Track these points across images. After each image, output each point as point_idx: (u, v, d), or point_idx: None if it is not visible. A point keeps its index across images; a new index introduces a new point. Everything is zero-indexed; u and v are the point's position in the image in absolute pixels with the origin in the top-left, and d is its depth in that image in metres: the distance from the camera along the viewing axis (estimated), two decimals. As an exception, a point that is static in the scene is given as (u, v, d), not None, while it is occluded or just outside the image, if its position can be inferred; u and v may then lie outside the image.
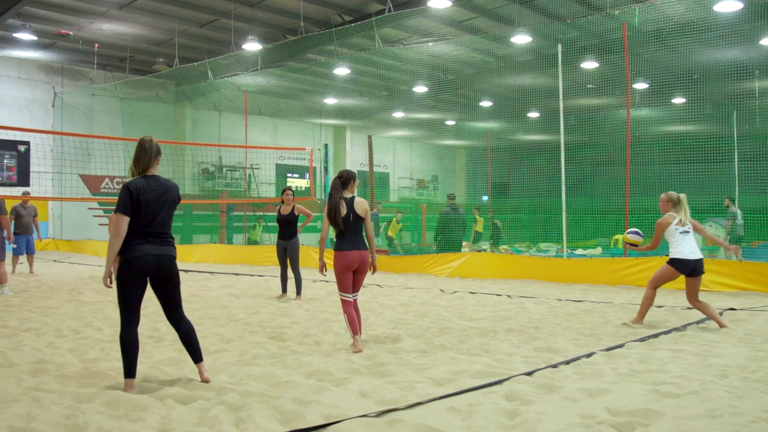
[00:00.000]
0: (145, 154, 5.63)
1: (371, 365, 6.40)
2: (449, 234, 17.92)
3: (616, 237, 11.40)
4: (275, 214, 12.37)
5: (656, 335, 7.89)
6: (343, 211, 7.31)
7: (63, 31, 23.25)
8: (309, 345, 7.45)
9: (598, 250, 21.20)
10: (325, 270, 7.56)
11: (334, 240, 7.47)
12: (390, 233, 22.34)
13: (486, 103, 26.28)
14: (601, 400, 5.08)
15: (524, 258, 15.85)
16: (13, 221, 16.17)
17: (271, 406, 4.95)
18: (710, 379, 5.69)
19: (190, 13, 21.96)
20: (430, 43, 19.63)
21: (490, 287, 13.52)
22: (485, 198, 24.17)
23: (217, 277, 16.50)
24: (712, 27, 15.97)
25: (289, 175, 31.80)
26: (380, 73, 24.41)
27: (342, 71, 23.94)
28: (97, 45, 24.55)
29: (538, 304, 10.97)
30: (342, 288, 7.36)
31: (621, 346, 7.22)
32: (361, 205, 7.39)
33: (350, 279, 7.37)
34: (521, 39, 19.71)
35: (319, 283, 14.45)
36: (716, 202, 18.37)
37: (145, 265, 5.47)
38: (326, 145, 20.54)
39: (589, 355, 6.72)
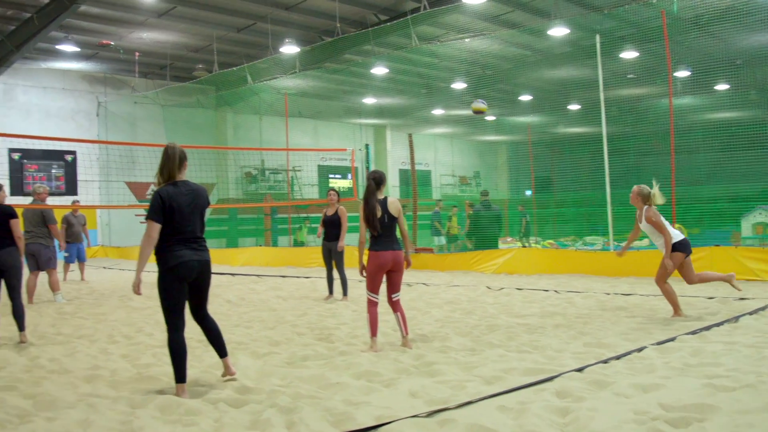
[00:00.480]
0: (170, 161, 5.72)
1: (420, 365, 6.40)
2: (482, 231, 17.87)
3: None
4: (321, 215, 12.42)
5: (708, 327, 7.76)
6: (378, 212, 7.30)
7: (104, 42, 23.62)
8: (357, 346, 7.47)
9: (646, 241, 20.90)
10: (364, 272, 7.51)
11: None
12: (453, 231, 22.25)
13: (525, 97, 26.12)
14: (655, 395, 5.02)
15: (570, 252, 15.72)
16: (64, 230, 16.55)
17: (322, 408, 4.98)
18: (767, 372, 5.58)
19: (227, 18, 22.17)
20: (467, 39, 19.55)
21: (537, 283, 13.43)
22: (528, 193, 24.03)
23: (264, 279, 16.63)
24: (753, 11, 15.66)
25: (331, 176, 31.92)
26: (418, 71, 24.40)
27: (380, 70, 23.97)
28: (137, 54, 24.91)
29: (586, 298, 10.88)
30: (370, 287, 7.34)
31: (673, 339, 7.13)
32: (394, 205, 7.39)
33: (381, 279, 7.34)
34: (558, 31, 19.55)
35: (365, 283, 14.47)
36: (765, 189, 18.02)
37: (188, 271, 5.60)
38: (367, 145, 20.63)
39: (640, 350, 6.64)
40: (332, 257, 11.96)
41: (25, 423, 4.82)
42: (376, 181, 7.43)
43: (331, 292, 12.13)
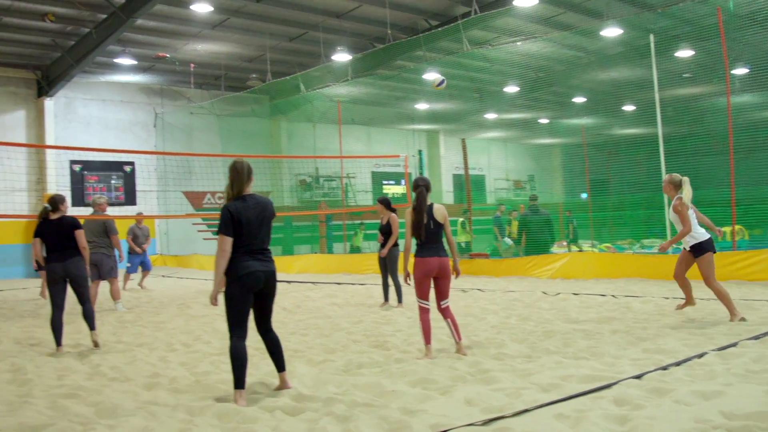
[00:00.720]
0: (239, 177, 5.89)
1: (476, 372, 6.37)
2: (533, 235, 17.72)
3: (723, 229, 11.00)
4: (377, 221, 12.48)
5: (771, 332, 7.59)
6: (424, 220, 7.31)
7: (160, 54, 24.06)
8: (413, 353, 7.47)
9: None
10: (409, 279, 7.51)
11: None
12: (513, 236, 22.10)
13: (579, 99, 25.85)
14: (716, 402, 4.91)
15: (628, 256, 15.51)
16: (130, 240, 17.10)
17: (378, 416, 4.99)
18: (833, 378, 5.44)
19: (279, 28, 22.40)
20: (518, 43, 19.44)
21: (593, 287, 13.27)
22: (584, 195, 23.74)
23: (320, 286, 16.73)
24: (813, 4, 15.26)
25: (384, 182, 31.98)
26: (470, 75, 24.30)
27: (431, 76, 23.95)
28: (192, 65, 25.30)
29: (644, 303, 10.71)
30: (420, 295, 7.32)
31: (734, 345, 6.97)
32: (440, 211, 7.38)
33: (428, 286, 7.32)
34: (611, 32, 19.30)
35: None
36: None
37: (255, 281, 5.75)
38: (420, 151, 20.62)
39: (700, 356, 6.52)
40: (387, 264, 12.00)
41: (87, 430, 4.94)
42: (427, 188, 7.46)
43: (386, 299, 12.16)
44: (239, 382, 5.68)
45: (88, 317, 8.67)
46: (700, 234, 8.63)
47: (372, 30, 22.83)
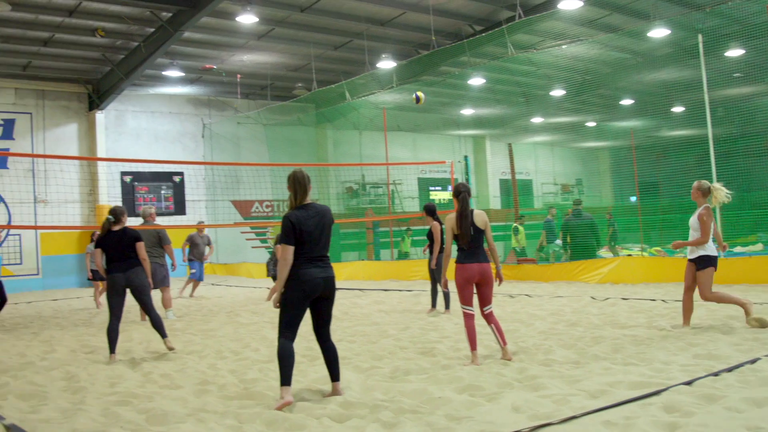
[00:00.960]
0: (300, 186, 6.04)
1: (523, 378, 6.34)
2: (577, 240, 17.55)
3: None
4: (423, 227, 12.49)
5: (827, 336, 7.42)
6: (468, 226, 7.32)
7: (207, 66, 24.40)
8: (460, 359, 7.46)
9: (759, 246, 20.09)
10: (446, 287, 7.67)
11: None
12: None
13: (627, 102, 25.55)
14: (769, 409, 4.83)
15: (678, 260, 15.24)
16: (187, 248, 17.51)
17: (424, 423, 4.99)
18: None
19: (324, 37, 22.55)
20: (564, 46, 19.29)
21: (643, 292, 13.09)
22: (633, 199, 23.46)
23: (367, 293, 16.77)
24: None
25: (431, 188, 31.95)
26: (516, 79, 24.20)
27: (477, 81, 23.93)
28: (239, 75, 25.59)
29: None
30: (463, 301, 7.34)
31: (788, 349, 6.84)
32: (480, 217, 7.38)
33: (471, 291, 7.33)
34: (659, 33, 19.07)
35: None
36: None
37: (313, 288, 5.93)
38: (466, 157, 20.57)
39: (753, 361, 6.40)
40: (434, 270, 12.02)
41: (138, 437, 5.02)
42: (469, 194, 7.48)
43: (433, 305, 12.15)
44: (285, 379, 5.84)
45: (157, 326, 8.87)
46: (710, 248, 8.62)
47: (416, 37, 22.86)
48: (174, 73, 24.41)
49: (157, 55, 21.05)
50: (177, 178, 27.05)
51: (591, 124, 28.65)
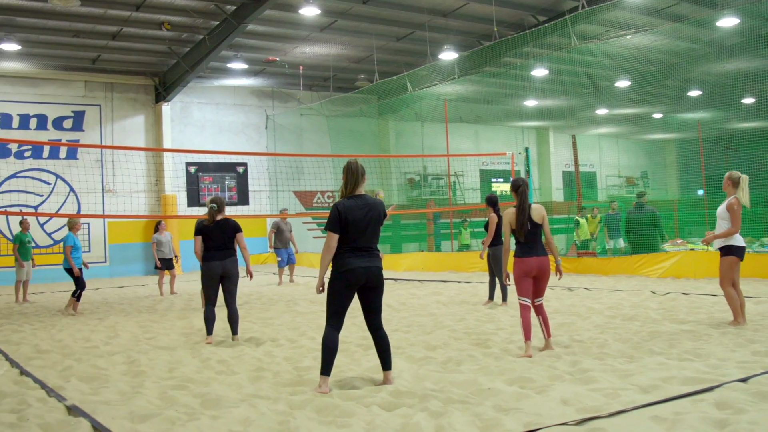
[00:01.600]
0: (353, 177, 6.14)
1: (575, 371, 6.31)
2: (638, 233, 17.27)
3: None
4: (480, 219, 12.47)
5: None
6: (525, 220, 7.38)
7: (270, 58, 24.65)
8: (513, 351, 7.45)
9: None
10: (508, 279, 7.72)
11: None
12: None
13: (694, 93, 24.98)
14: (825, 408, 4.72)
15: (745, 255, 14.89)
16: (273, 234, 18.11)
17: (472, 413, 5.02)
18: None
19: (386, 28, 22.57)
20: (628, 36, 18.95)
21: (704, 287, 12.85)
22: (700, 192, 22.98)
23: (426, 284, 16.81)
24: None
25: (493, 180, 31.74)
26: (579, 70, 23.88)
27: (540, 72, 23.68)
28: (302, 67, 25.79)
29: (758, 304, 10.31)
30: (521, 293, 7.39)
31: None
32: (537, 211, 7.42)
33: (529, 284, 7.38)
34: (728, 21, 18.58)
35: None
36: None
37: (355, 278, 5.98)
38: (527, 148, 20.38)
39: (813, 359, 6.26)
40: (492, 262, 12.02)
41: (192, 420, 5.16)
42: (528, 187, 7.53)
43: (491, 297, 12.13)
44: (325, 368, 5.99)
45: (232, 321, 9.21)
46: (737, 239, 8.65)
47: (478, 27, 22.73)
48: (238, 65, 24.73)
49: (222, 48, 21.35)
50: (240, 169, 27.43)
51: (657, 115, 28.10)
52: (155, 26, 20.85)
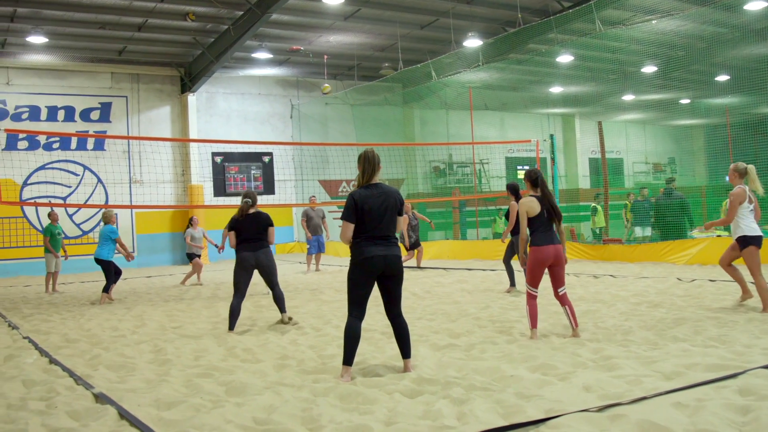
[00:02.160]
0: (369, 166, 6.13)
1: (598, 358, 6.30)
2: (666, 220, 17.15)
3: None
4: (506, 207, 12.49)
5: None
6: (538, 208, 7.47)
7: (294, 47, 24.68)
8: (536, 339, 7.45)
9: None
10: (524, 265, 7.79)
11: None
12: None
13: (722, 78, 24.70)
14: None
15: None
16: (304, 222, 18.39)
17: (494, 400, 5.03)
18: None
19: (410, 16, 22.52)
20: (654, 21, 18.76)
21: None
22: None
23: (451, 272, 16.82)
24: None
25: (519, 167, 31.61)
26: (605, 56, 23.70)
27: (565, 58, 23.52)
28: (326, 56, 25.81)
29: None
30: (531, 282, 7.53)
31: None
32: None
33: (541, 274, 7.51)
34: (756, 5, 18.33)
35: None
36: None
37: (373, 266, 5.99)
38: (552, 135, 20.20)
39: (840, 345, 6.20)
40: (510, 250, 12.11)
41: (217, 407, 5.22)
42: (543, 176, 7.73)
43: (512, 284, 12.11)
44: (347, 358, 6.05)
45: (279, 300, 9.52)
46: (750, 228, 8.67)
47: (503, 14, 22.60)
48: (262, 55, 24.79)
49: (246, 38, 21.41)
50: (266, 159, 27.55)
51: (684, 101, 27.85)
52: (180, 17, 20.96)
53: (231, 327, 9.10)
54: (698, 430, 4.12)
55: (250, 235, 9.25)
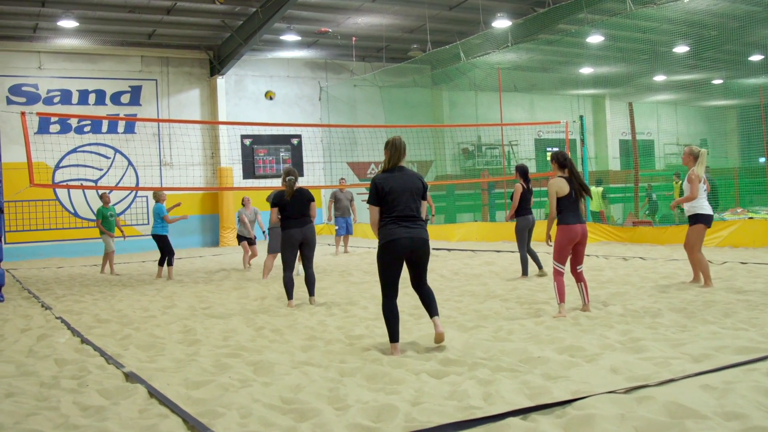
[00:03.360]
0: (396, 152, 6.38)
1: (626, 340, 6.28)
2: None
3: None
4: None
5: None
6: (567, 189, 7.74)
7: (323, 29, 24.63)
8: (564, 321, 7.43)
9: None
10: (550, 241, 8.04)
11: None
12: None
13: (756, 57, 24.29)
14: None
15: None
16: (332, 204, 18.62)
17: (520, 381, 5.04)
18: None
19: (439, -3, 22.39)
20: (686, 0, 18.49)
21: (763, 257, 12.58)
22: (762, 160, 22.47)
23: (479, 254, 16.80)
24: None
25: (548, 149, 31.34)
26: (636, 36, 23.40)
27: (595, 39, 23.25)
28: (354, 38, 25.75)
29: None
30: (559, 259, 7.82)
31: None
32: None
33: (569, 251, 7.82)
34: (792, -18, 18.00)
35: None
36: None
37: (399, 247, 6.16)
38: (581, 117, 20.02)
39: None
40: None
41: (245, 387, 5.28)
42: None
43: (539, 266, 12.01)
44: (392, 336, 6.29)
45: (310, 283, 9.86)
46: (703, 207, 9.39)
47: (532, -6, 22.41)
48: (291, 37, 24.78)
49: (274, 20, 21.38)
50: (295, 141, 27.61)
51: (717, 81, 27.43)
52: (208, 0, 21.00)
53: (289, 297, 9.67)
54: (726, 412, 4.09)
55: (296, 211, 9.59)
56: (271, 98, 15.94)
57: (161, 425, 4.42)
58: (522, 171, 11.76)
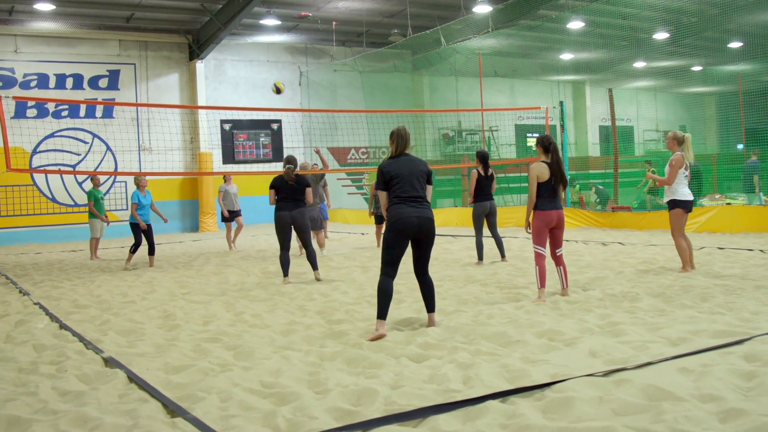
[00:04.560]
0: (402, 141, 6.72)
1: (605, 324, 6.32)
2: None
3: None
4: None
5: None
6: (548, 174, 7.83)
7: (303, 14, 24.48)
8: (544, 305, 7.47)
9: None
10: (530, 228, 8.04)
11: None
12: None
13: (735, 44, 24.43)
14: None
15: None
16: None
17: (499, 364, 5.06)
18: None
19: (420, -19, 22.32)
20: (667, -14, 18.57)
21: (740, 242, 12.72)
22: (740, 146, 22.65)
23: (459, 239, 16.82)
24: None
25: (528, 135, 31.43)
26: (616, 22, 23.45)
27: (576, 25, 23.29)
28: (335, 23, 25.63)
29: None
30: (538, 242, 7.91)
31: None
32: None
33: (546, 235, 7.92)
34: (771, -30, 18.10)
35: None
36: None
37: (407, 226, 6.39)
38: (561, 102, 20.09)
39: None
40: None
41: (225, 371, 5.27)
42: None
43: (501, 254, 12.01)
44: (381, 313, 6.38)
45: (312, 259, 10.53)
46: (681, 193, 9.31)
47: (513, -21, 22.36)
48: (271, 21, 24.63)
49: (254, 4, 21.22)
50: (275, 126, 27.50)
51: (696, 68, 27.58)
52: (188, -17, 20.85)
53: (285, 274, 10.33)
54: (702, 394, 4.13)
55: (288, 195, 10.30)
56: (279, 92, 15.92)
57: (141, 410, 4.40)
58: (482, 157, 11.75)
